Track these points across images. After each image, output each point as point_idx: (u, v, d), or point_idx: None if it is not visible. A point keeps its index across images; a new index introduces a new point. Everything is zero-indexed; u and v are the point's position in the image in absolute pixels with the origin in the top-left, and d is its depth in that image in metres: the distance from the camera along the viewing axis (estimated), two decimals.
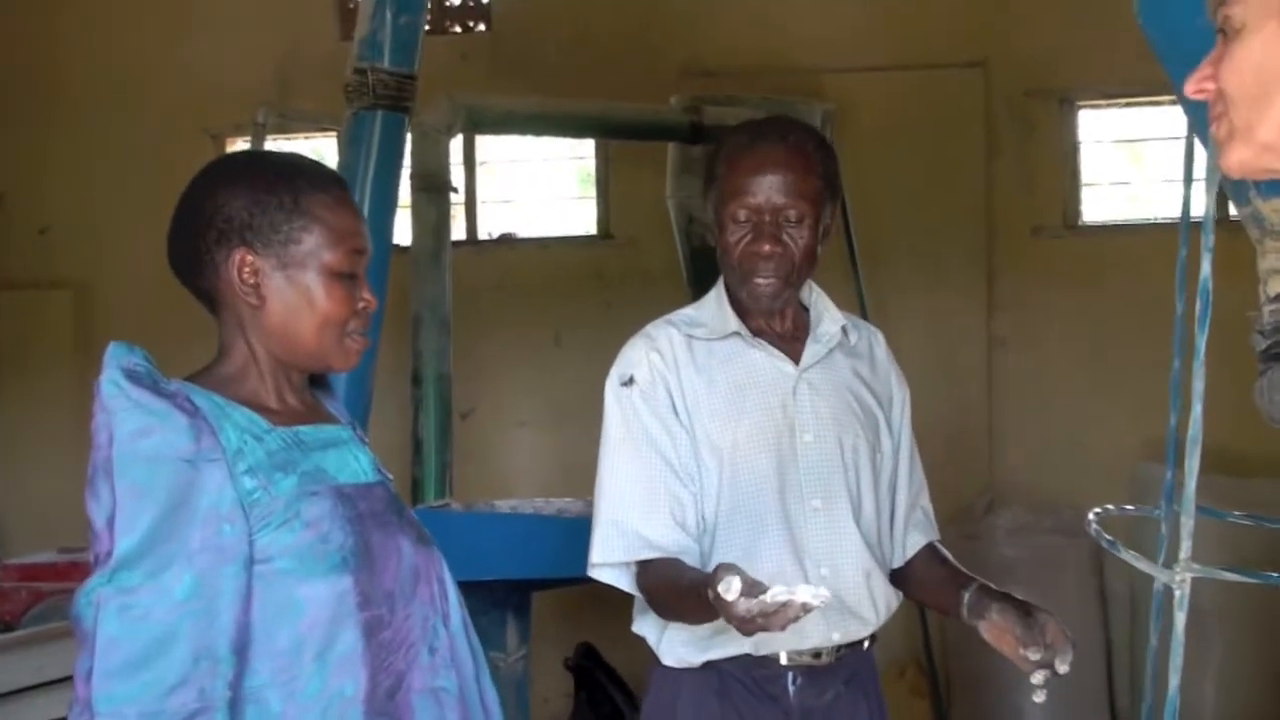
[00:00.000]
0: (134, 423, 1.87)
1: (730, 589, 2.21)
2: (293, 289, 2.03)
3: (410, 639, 2.05)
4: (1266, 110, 1.51)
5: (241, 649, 1.87)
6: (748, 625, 2.24)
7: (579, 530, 4.25)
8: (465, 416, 6.55)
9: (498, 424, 7.43)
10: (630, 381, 2.69)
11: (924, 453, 2.98)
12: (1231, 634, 5.68)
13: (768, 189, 2.66)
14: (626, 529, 2.64)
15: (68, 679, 5.13)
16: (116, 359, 1.93)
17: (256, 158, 2.23)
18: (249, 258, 2.01)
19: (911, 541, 2.87)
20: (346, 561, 1.96)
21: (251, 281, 2.01)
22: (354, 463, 2.09)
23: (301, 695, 1.91)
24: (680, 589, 2.55)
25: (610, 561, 2.67)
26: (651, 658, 2.77)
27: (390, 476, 2.19)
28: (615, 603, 3.07)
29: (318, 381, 2.21)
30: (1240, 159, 1.56)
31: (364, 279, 2.08)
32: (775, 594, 2.20)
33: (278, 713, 1.90)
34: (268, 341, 2.04)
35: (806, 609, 2.21)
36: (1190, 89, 1.57)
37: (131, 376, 1.91)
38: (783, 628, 2.24)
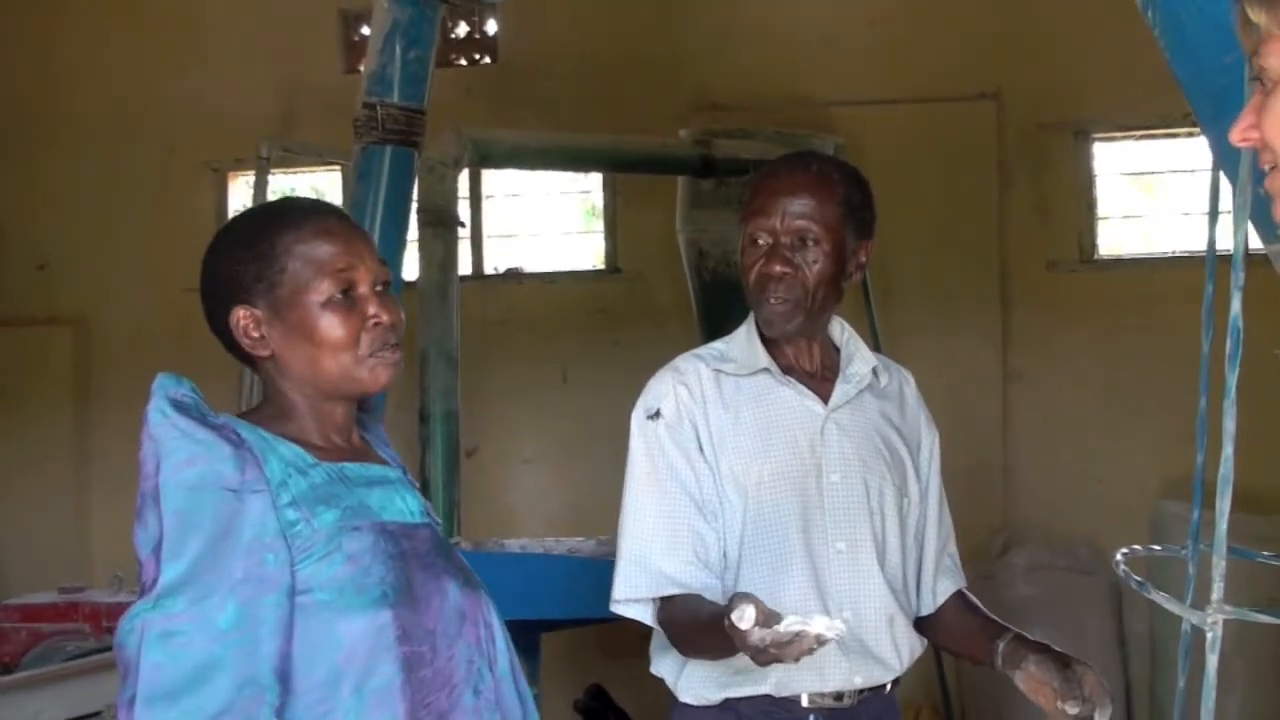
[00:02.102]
0: (181, 452, 1.89)
1: (744, 618, 2.20)
2: (293, 330, 2.04)
3: (454, 680, 2.04)
4: None
5: (284, 679, 1.87)
6: (761, 656, 2.23)
7: (589, 571, 4.27)
8: (470, 454, 6.55)
9: (503, 461, 7.43)
10: (656, 415, 2.68)
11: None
12: (1252, 674, 5.66)
13: (783, 211, 2.68)
14: (650, 565, 2.64)
15: None
16: (164, 389, 1.94)
17: (236, 217, 2.25)
18: (244, 313, 2.05)
19: (942, 588, 2.87)
20: (386, 596, 1.96)
21: (255, 334, 2.05)
22: (400, 502, 2.10)
23: None
24: (700, 623, 2.55)
25: (633, 598, 2.66)
26: (668, 698, 2.77)
27: (439, 521, 2.20)
28: (625, 644, 3.07)
29: (368, 425, 2.22)
30: None
31: (371, 296, 2.07)
32: (789, 624, 2.19)
33: None
34: (298, 384, 2.07)
35: (821, 641, 2.20)
36: (1236, 137, 1.57)
37: (179, 407, 1.93)
38: (796, 659, 2.23)
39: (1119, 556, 2.39)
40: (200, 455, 1.89)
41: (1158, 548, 2.73)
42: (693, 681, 2.69)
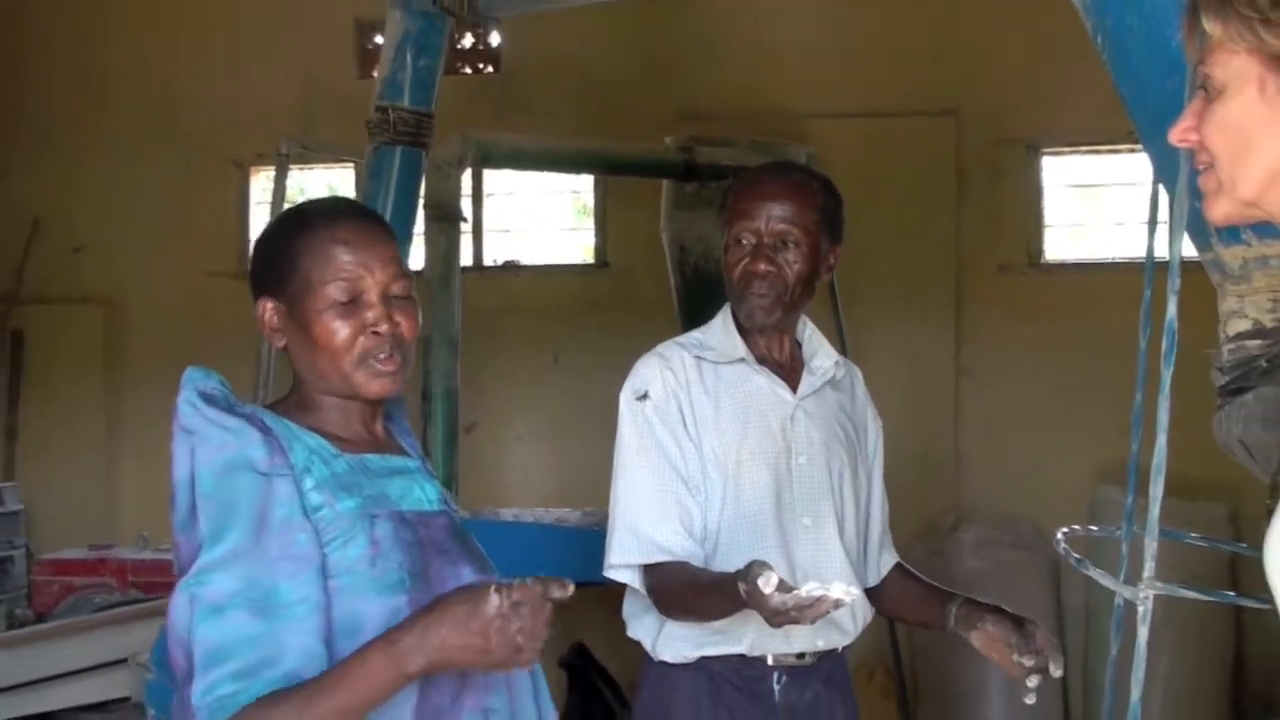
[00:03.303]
0: (212, 439, 1.84)
1: (770, 582, 2.23)
2: (299, 328, 1.98)
3: None
4: (1246, 169, 1.52)
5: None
6: (779, 618, 2.25)
7: (575, 539, 4.27)
8: (469, 430, 6.54)
9: (498, 437, 7.42)
10: (645, 397, 2.70)
11: (895, 474, 3.02)
12: (1178, 644, 5.68)
13: (767, 214, 2.71)
14: (640, 534, 2.65)
15: (96, 667, 5.14)
16: (193, 382, 1.90)
17: (283, 214, 2.15)
18: (268, 304, 2.00)
19: (884, 561, 2.93)
20: (403, 582, 1.89)
21: (273, 325, 2.00)
22: (419, 491, 2.03)
23: None
24: (700, 585, 2.57)
25: (625, 563, 2.67)
26: (643, 657, 2.78)
27: (455, 509, 2.13)
28: (607, 606, 3.07)
29: (393, 414, 2.15)
30: (1225, 211, 1.57)
31: (376, 305, 1.98)
32: (810, 589, 2.22)
33: None
34: (308, 376, 2.01)
35: (838, 605, 2.22)
36: (1175, 137, 1.58)
37: (207, 398, 1.88)
38: (812, 621, 2.26)
39: (1060, 535, 2.40)
40: (230, 441, 1.84)
41: (1095, 528, 2.74)
42: (670, 641, 2.70)
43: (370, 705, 1.76)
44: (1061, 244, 7.28)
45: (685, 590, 2.60)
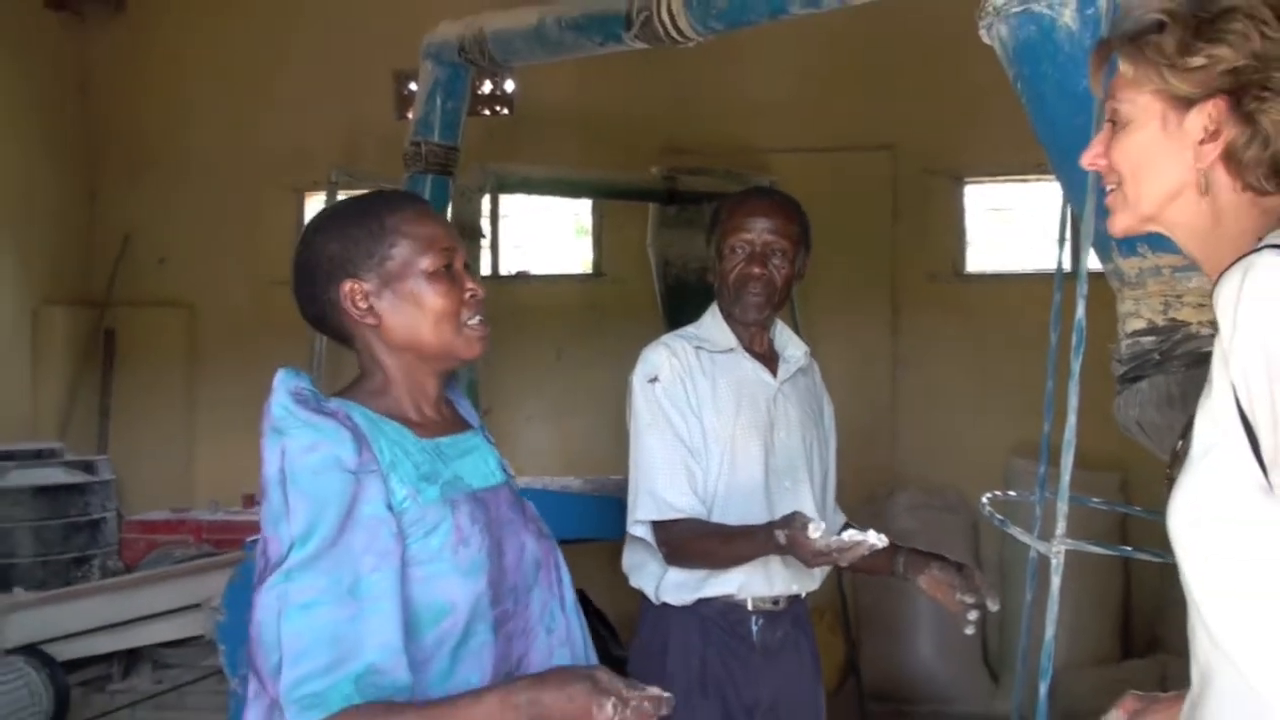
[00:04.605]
0: (304, 439, 1.65)
1: (818, 529, 2.25)
2: (401, 300, 1.78)
3: (530, 624, 1.82)
4: (1147, 188, 1.52)
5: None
6: (820, 558, 2.28)
7: (578, 503, 4.24)
8: (486, 413, 6.50)
9: (511, 419, 7.38)
10: (655, 380, 2.69)
11: (841, 446, 3.03)
12: (1077, 590, 5.68)
13: (760, 227, 2.71)
14: (657, 495, 2.64)
15: (175, 610, 5.09)
16: (285, 384, 1.71)
17: (339, 203, 1.94)
18: (356, 285, 1.79)
19: (838, 520, 2.95)
20: (483, 564, 1.73)
21: (364, 305, 1.79)
22: (484, 465, 1.85)
23: (429, 686, 1.67)
24: (726, 534, 2.57)
25: (645, 519, 2.65)
26: (637, 603, 2.76)
27: (512, 474, 1.95)
28: (604, 557, 3.06)
29: (450, 386, 1.95)
30: (1125, 225, 1.57)
31: (465, 273, 1.82)
32: (851, 534, 2.23)
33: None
34: (400, 354, 1.81)
35: (873, 549, 2.22)
36: (1086, 161, 1.58)
37: (298, 399, 1.69)
38: (848, 563, 2.29)
39: (984, 500, 2.38)
40: (321, 441, 1.65)
41: (1014, 494, 2.73)
42: (670, 586, 2.69)
43: None
44: (980, 258, 7.25)
45: (706, 540, 2.59)
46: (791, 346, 2.84)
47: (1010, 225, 7.35)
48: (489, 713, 1.59)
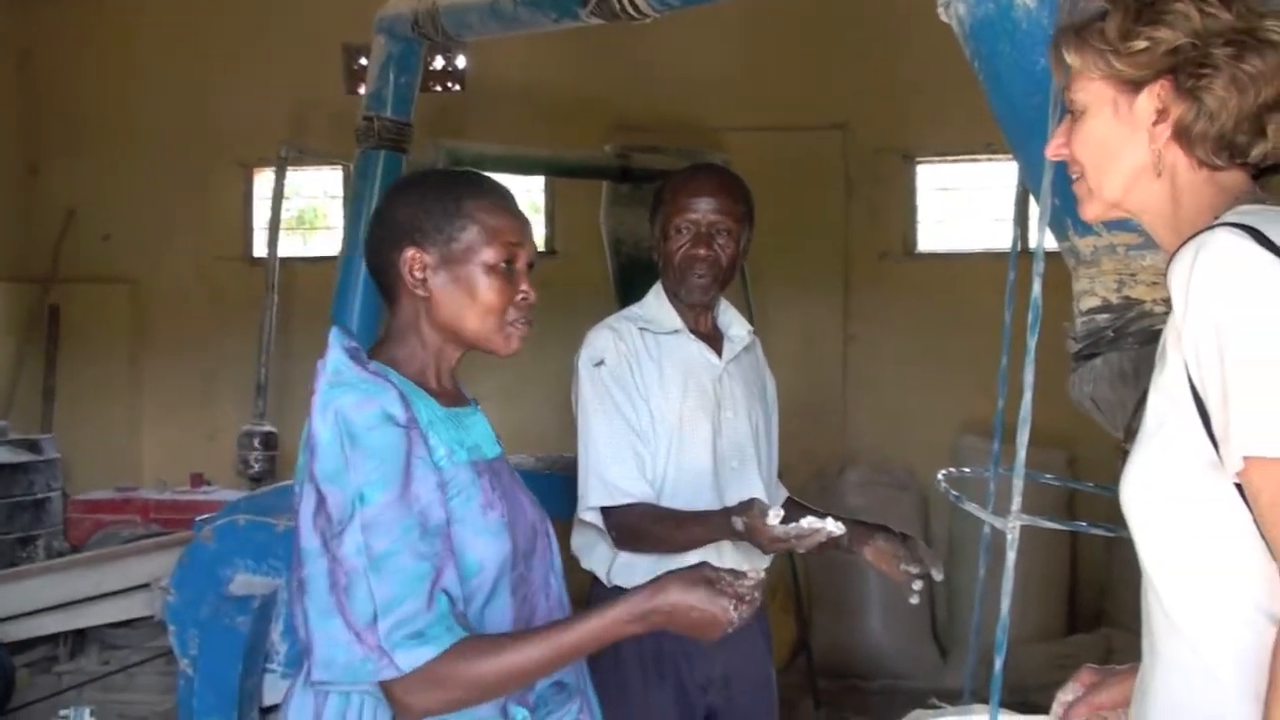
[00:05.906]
0: (358, 394, 1.68)
1: (776, 516, 2.25)
2: (455, 283, 1.82)
3: (534, 589, 1.86)
4: (1109, 176, 1.54)
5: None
6: (776, 544, 2.26)
7: (530, 479, 4.23)
8: None
9: None
10: (601, 363, 2.66)
11: (793, 424, 3.02)
12: (1025, 566, 5.73)
13: (704, 208, 2.68)
14: (607, 481, 2.61)
15: (122, 590, 5.02)
16: (339, 341, 1.74)
17: (428, 174, 1.99)
18: (417, 254, 1.81)
19: (780, 496, 2.93)
20: (506, 528, 1.77)
21: (420, 275, 1.81)
22: (488, 437, 1.90)
23: None
24: (680, 518, 2.55)
25: (596, 505, 2.63)
26: (594, 585, 2.75)
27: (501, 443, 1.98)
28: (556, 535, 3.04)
29: None
30: (1096, 213, 1.59)
31: (524, 274, 1.86)
32: (810, 522, 2.22)
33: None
34: (439, 329, 1.84)
35: (830, 536, 2.22)
36: (1050, 153, 1.61)
37: (353, 355, 1.73)
38: (806, 550, 2.29)
39: (940, 476, 2.39)
40: (374, 396, 1.69)
41: (969, 470, 2.74)
42: (622, 569, 2.67)
43: (596, 648, 1.72)
44: (930, 237, 7.30)
45: (659, 525, 2.56)
46: (736, 325, 2.82)
47: (961, 204, 7.40)
48: (608, 626, 1.68)
